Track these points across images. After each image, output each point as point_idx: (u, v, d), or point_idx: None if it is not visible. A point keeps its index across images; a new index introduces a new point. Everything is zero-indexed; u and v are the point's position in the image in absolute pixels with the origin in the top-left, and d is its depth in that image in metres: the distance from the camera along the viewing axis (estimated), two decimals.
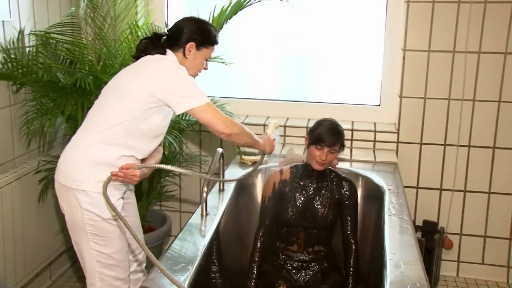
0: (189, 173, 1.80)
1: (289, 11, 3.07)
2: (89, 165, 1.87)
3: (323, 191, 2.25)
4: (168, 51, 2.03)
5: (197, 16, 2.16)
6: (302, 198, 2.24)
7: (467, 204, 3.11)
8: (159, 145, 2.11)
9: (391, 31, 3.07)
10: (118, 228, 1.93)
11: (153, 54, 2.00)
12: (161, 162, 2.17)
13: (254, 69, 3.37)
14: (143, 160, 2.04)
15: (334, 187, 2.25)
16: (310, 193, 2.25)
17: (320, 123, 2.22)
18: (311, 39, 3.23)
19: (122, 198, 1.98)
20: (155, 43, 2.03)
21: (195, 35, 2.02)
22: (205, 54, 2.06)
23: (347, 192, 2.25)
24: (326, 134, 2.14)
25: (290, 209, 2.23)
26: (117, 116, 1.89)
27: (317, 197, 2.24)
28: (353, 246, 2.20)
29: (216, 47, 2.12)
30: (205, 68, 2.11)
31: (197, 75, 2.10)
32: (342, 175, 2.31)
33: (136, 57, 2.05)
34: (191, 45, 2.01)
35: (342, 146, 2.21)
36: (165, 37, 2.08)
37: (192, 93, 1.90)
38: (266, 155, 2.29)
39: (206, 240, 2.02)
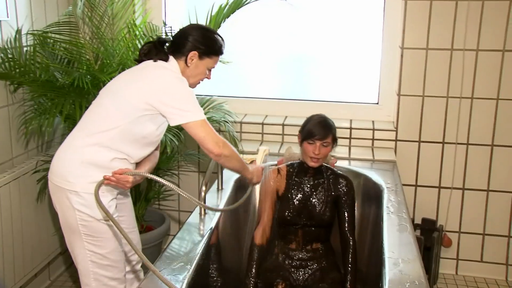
0: (182, 192, 1.79)
1: (288, 10, 3.06)
2: (81, 165, 1.86)
3: (319, 188, 2.25)
4: (171, 57, 1.99)
5: (204, 24, 2.11)
6: (299, 196, 2.25)
7: (465, 202, 3.11)
8: (156, 149, 2.10)
9: (389, 29, 3.07)
10: (112, 229, 1.92)
11: (155, 60, 1.97)
12: (161, 161, 2.16)
13: (253, 68, 3.37)
14: (138, 164, 2.03)
15: (330, 184, 2.25)
16: (307, 190, 2.25)
17: (310, 119, 2.23)
18: (309, 37, 3.23)
19: (115, 198, 1.97)
20: (158, 48, 2.00)
21: (199, 44, 1.98)
22: (208, 64, 2.02)
23: (344, 188, 2.25)
24: (316, 127, 2.16)
25: (287, 207, 2.23)
26: (111, 120, 1.88)
27: (314, 194, 2.25)
28: (351, 242, 2.20)
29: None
30: (208, 78, 2.08)
31: (198, 83, 2.07)
32: (339, 172, 2.31)
33: (139, 61, 2.03)
34: (193, 54, 1.97)
35: (335, 141, 2.22)
36: (169, 43, 2.04)
37: (189, 107, 1.88)
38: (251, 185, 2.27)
39: (204, 239, 2.02)
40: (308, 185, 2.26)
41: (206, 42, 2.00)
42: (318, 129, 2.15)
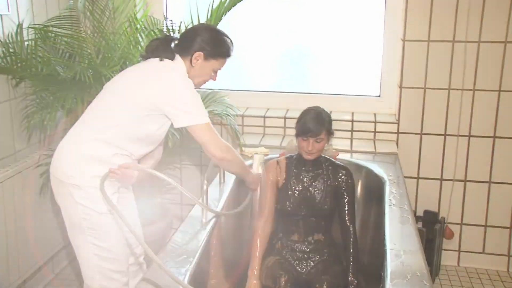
0: (185, 192, 1.79)
1: (289, 3, 3.06)
2: (83, 160, 1.86)
3: (319, 179, 2.26)
4: (177, 56, 1.98)
5: (214, 26, 2.08)
6: (299, 187, 2.26)
7: (467, 194, 3.11)
8: (160, 145, 2.10)
9: (390, 21, 3.06)
10: (115, 222, 1.93)
11: (161, 58, 1.96)
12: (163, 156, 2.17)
13: (254, 61, 3.36)
14: (140, 160, 2.03)
15: (329, 174, 2.26)
16: (306, 181, 2.26)
17: (304, 113, 2.22)
18: (311, 30, 3.22)
19: (117, 192, 1.98)
20: (165, 46, 1.99)
21: (206, 45, 1.96)
22: (213, 66, 2.01)
23: (343, 178, 2.25)
24: (309, 124, 2.15)
25: (287, 199, 2.24)
26: (114, 117, 1.88)
27: (313, 184, 2.26)
28: (351, 229, 2.20)
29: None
30: (213, 79, 2.07)
31: (203, 83, 2.06)
32: (337, 162, 2.32)
33: (145, 57, 2.02)
34: (198, 55, 1.96)
35: (331, 134, 2.21)
36: (176, 41, 2.03)
37: (194, 110, 1.88)
38: (248, 197, 2.27)
39: (207, 232, 2.03)
40: (307, 176, 2.27)
41: (213, 44, 1.98)
42: (311, 126, 2.14)
